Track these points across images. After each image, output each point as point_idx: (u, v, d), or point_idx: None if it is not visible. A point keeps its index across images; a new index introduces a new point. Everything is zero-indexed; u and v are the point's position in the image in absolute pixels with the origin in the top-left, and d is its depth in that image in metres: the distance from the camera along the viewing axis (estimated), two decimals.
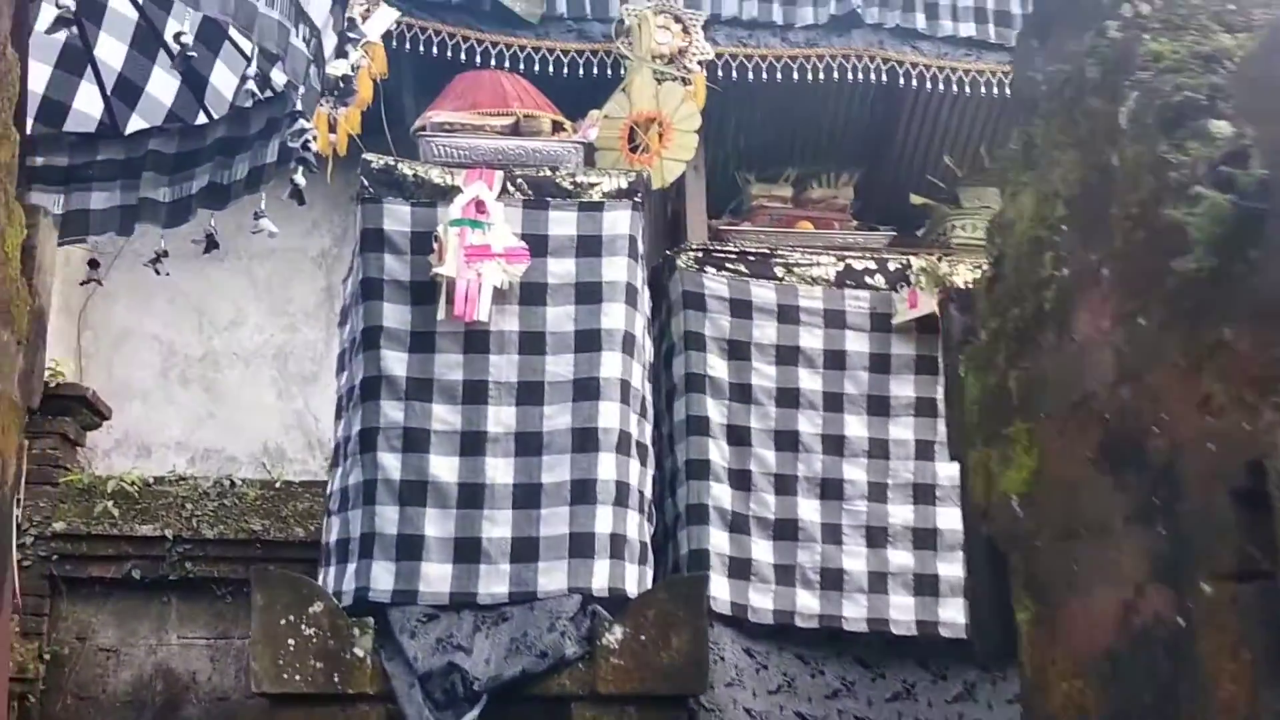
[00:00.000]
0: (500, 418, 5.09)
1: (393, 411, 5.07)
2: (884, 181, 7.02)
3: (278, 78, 4.34)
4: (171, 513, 6.18)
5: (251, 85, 3.92)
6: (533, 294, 5.22)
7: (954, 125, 7.00)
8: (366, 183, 5.30)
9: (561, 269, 5.26)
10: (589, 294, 5.25)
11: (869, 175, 6.86)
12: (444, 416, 5.06)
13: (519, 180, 5.32)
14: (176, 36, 4.05)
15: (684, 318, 5.80)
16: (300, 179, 4.26)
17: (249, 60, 4.03)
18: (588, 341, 5.19)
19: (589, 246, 5.30)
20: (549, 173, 5.38)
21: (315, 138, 4.23)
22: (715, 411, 5.72)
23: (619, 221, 5.35)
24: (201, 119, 4.97)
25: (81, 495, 6.18)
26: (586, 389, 5.13)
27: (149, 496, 6.25)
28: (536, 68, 5.93)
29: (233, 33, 4.60)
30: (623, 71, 5.96)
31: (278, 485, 6.41)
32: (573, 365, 5.16)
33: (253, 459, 6.97)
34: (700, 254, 5.94)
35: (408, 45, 5.89)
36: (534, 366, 5.16)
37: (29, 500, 5.97)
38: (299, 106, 4.16)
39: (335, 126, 5.66)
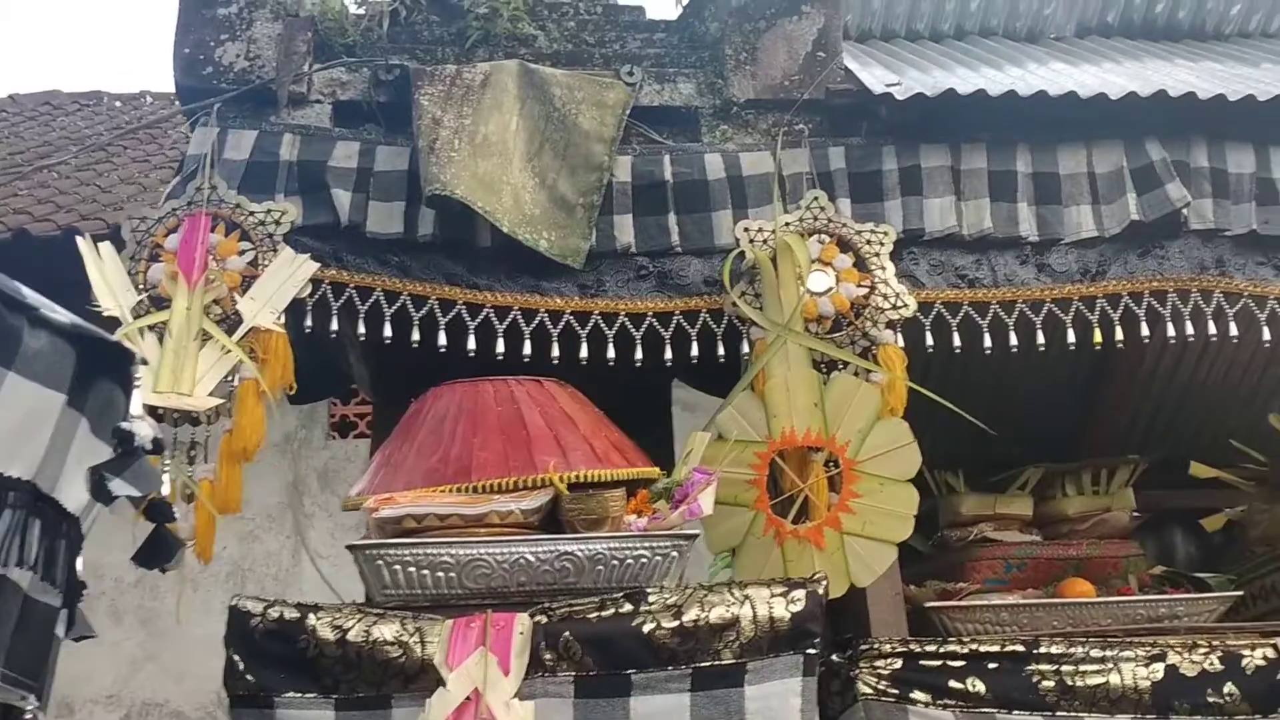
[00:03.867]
0: None
1: None
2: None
3: None
4: None
5: None
6: None
7: (1271, 377, 4.17)
8: (240, 662, 2.47)
9: None
10: None
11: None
12: None
13: (564, 634, 2.47)
14: None
15: None
16: None
17: None
18: None
19: None
20: (628, 607, 2.53)
21: None
22: None
23: (779, 709, 2.50)
24: None
25: None
26: None
27: None
28: (584, 351, 3.09)
29: None
30: (746, 350, 3.13)
31: None
32: None
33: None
34: (899, 662, 3.04)
35: (334, 321, 3.06)
36: None
37: None
38: None
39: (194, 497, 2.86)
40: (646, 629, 2.51)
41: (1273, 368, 4.54)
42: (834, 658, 3.14)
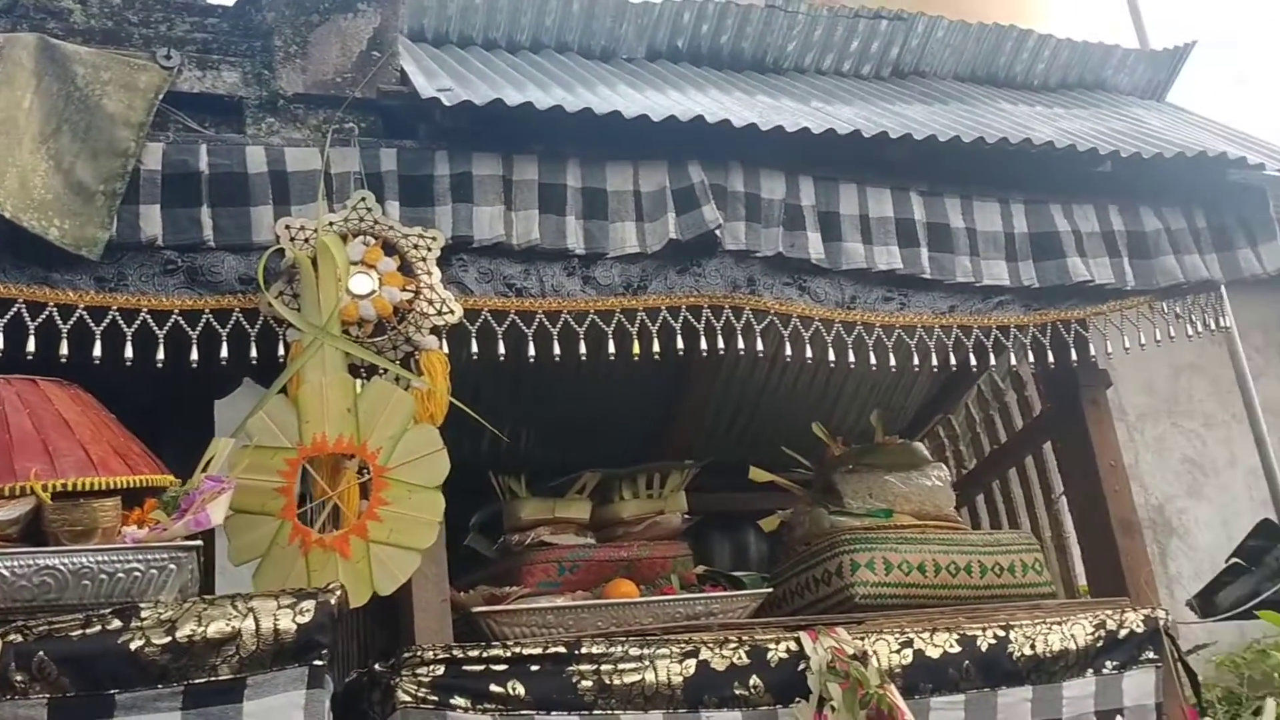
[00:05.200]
0: None
1: None
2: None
3: None
4: None
5: None
6: None
7: (833, 388, 4.53)
8: None
9: None
10: None
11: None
12: None
13: (39, 654, 2.29)
14: None
15: None
16: None
17: None
18: None
19: None
20: (116, 624, 2.38)
21: None
22: None
23: None
24: None
25: None
26: None
27: None
28: (98, 350, 2.88)
29: None
30: (281, 353, 3.03)
31: None
32: None
33: None
34: (442, 668, 3.05)
35: None
36: None
37: None
38: None
39: None
40: (134, 646, 2.36)
41: (834, 380, 4.94)
42: (376, 667, 3.10)
